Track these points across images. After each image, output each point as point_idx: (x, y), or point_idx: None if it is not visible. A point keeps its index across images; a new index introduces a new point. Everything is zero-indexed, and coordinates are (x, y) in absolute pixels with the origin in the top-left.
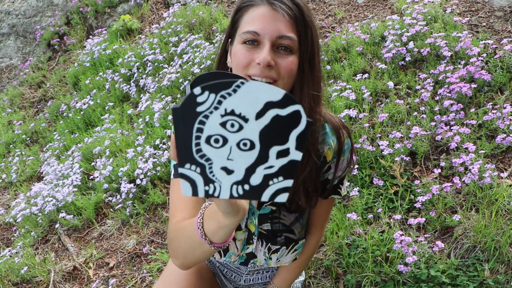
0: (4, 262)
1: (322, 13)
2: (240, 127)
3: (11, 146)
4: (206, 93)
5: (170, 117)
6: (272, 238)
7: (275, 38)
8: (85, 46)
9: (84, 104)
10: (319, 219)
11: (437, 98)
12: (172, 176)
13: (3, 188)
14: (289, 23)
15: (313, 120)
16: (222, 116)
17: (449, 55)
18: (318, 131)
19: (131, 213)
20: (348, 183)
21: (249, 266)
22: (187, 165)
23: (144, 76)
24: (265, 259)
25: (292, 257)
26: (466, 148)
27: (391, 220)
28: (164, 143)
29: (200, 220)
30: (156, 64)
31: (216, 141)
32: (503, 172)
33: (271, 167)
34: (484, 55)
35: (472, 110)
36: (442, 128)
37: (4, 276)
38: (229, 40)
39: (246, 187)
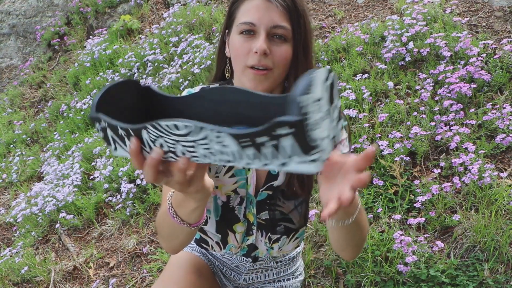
0: (5, 262)
1: (322, 13)
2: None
3: (11, 146)
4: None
5: None
6: (271, 227)
7: (270, 27)
8: (85, 46)
9: (85, 104)
10: None
11: (437, 98)
12: None
13: (3, 188)
14: (283, 13)
15: None
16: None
17: (449, 55)
18: None
19: (131, 213)
20: None
21: (246, 265)
22: None
23: (144, 76)
24: (266, 249)
25: (294, 245)
26: (466, 148)
27: (391, 220)
28: None
29: (171, 209)
30: (156, 64)
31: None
32: (502, 172)
33: None
34: (484, 55)
35: (472, 110)
36: (441, 128)
37: (5, 276)
38: (226, 31)
39: None
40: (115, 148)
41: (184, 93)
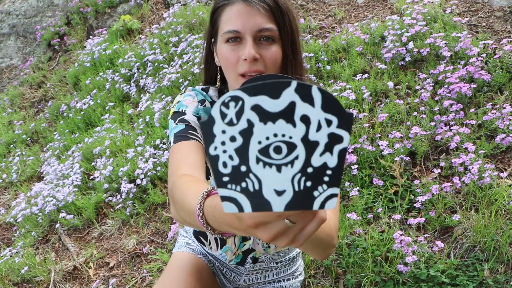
0: (5, 262)
1: (322, 13)
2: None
3: (11, 146)
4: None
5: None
6: None
7: (255, 32)
8: (85, 46)
9: (85, 104)
10: None
11: (436, 98)
12: (172, 143)
13: (3, 188)
14: (266, 15)
15: None
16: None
17: (449, 55)
18: None
19: (131, 213)
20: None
21: (246, 266)
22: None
23: (144, 76)
24: (264, 249)
25: None
26: (466, 148)
27: (391, 220)
28: (164, 143)
29: (202, 220)
30: (156, 64)
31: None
32: (502, 172)
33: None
34: (484, 55)
35: (472, 110)
36: (441, 128)
37: (5, 276)
38: (212, 40)
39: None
40: None
41: (189, 91)
